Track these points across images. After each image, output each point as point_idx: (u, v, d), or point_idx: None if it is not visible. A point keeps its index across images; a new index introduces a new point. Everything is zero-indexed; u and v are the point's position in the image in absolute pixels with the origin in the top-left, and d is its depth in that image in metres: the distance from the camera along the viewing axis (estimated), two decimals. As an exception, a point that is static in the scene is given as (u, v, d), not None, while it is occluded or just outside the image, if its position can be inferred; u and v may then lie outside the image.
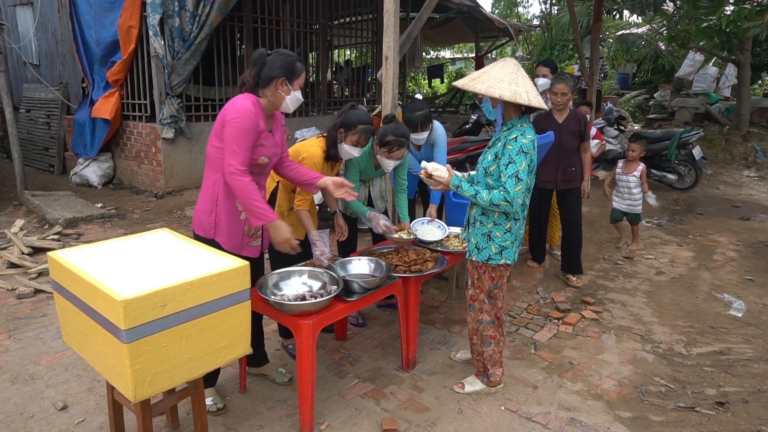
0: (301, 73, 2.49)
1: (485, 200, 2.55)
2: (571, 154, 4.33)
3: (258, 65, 2.45)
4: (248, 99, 2.41)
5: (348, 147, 2.99)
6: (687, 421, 2.72)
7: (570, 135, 4.28)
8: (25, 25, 9.35)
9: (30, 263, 4.61)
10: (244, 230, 2.56)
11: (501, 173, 2.55)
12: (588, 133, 4.37)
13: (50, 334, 3.47)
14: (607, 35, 14.78)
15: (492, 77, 2.52)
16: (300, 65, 2.49)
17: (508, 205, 2.51)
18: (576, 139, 4.31)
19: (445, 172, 2.71)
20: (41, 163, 8.77)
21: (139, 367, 1.80)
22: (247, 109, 2.36)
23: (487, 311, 2.81)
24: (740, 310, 4.04)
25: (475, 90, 2.53)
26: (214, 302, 1.98)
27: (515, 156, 2.51)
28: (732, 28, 6.56)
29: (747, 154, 9.89)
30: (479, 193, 2.57)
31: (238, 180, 2.33)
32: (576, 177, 4.38)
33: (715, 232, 6.02)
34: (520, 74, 2.52)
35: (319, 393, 2.84)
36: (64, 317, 2.17)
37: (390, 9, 4.02)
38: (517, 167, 2.50)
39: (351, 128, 2.95)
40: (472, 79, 2.59)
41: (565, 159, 4.31)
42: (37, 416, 2.64)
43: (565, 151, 4.30)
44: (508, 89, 2.46)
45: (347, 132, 2.96)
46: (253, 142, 2.39)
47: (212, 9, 6.63)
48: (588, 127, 4.36)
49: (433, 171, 2.72)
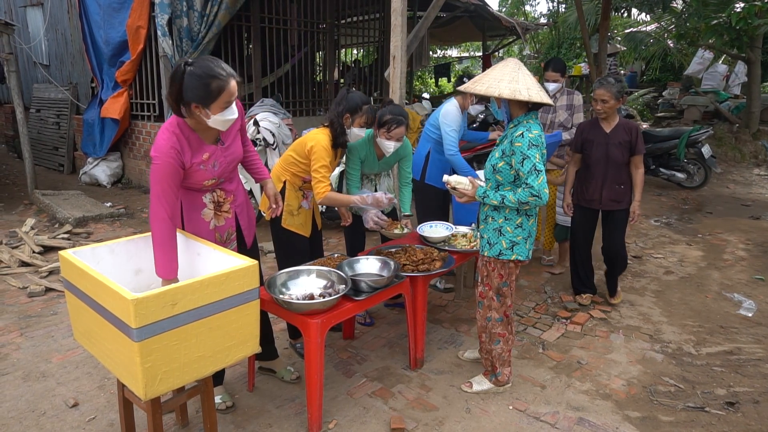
0: (219, 94, 2.13)
1: (513, 202, 2.57)
2: (620, 170, 3.72)
3: (177, 84, 2.14)
4: (168, 129, 2.21)
5: (357, 130, 3.07)
6: (696, 422, 2.71)
7: (618, 147, 3.68)
8: (35, 26, 9.43)
9: (41, 262, 4.66)
10: (216, 237, 2.49)
11: (518, 172, 2.56)
12: (641, 145, 3.70)
13: (61, 332, 3.50)
14: (615, 33, 14.70)
15: (492, 78, 2.58)
16: (217, 84, 2.12)
17: (537, 199, 2.52)
18: (626, 152, 3.70)
19: (468, 185, 2.76)
20: (51, 162, 8.84)
21: (149, 365, 1.81)
22: (163, 151, 2.16)
23: (496, 309, 2.82)
24: (750, 309, 4.01)
25: (476, 92, 2.58)
26: (223, 301, 1.99)
27: (527, 151, 2.52)
28: (742, 25, 6.51)
29: (757, 153, 9.81)
30: (506, 197, 2.59)
31: (159, 226, 2.16)
32: (625, 196, 3.76)
33: (724, 231, 5.98)
34: (520, 72, 2.56)
35: (327, 391, 2.85)
36: (75, 315, 2.19)
37: (397, 8, 4.03)
38: (533, 161, 2.51)
39: (357, 111, 3.01)
40: (474, 82, 2.64)
41: (612, 174, 3.72)
42: (48, 413, 2.67)
43: (613, 166, 3.70)
44: (507, 87, 2.51)
45: (354, 116, 3.01)
46: (178, 181, 2.22)
47: (220, 9, 6.65)
48: (640, 139, 3.70)
49: (456, 184, 2.77)
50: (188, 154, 2.25)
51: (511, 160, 2.58)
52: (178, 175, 2.22)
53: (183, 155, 2.23)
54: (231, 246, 2.58)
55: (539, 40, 17.74)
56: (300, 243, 3.15)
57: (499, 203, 2.63)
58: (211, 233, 2.47)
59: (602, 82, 3.67)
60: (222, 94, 2.15)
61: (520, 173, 2.56)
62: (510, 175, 2.63)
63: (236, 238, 2.63)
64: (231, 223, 2.56)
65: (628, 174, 3.77)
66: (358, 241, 3.62)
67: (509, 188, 2.65)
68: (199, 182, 2.34)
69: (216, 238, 2.50)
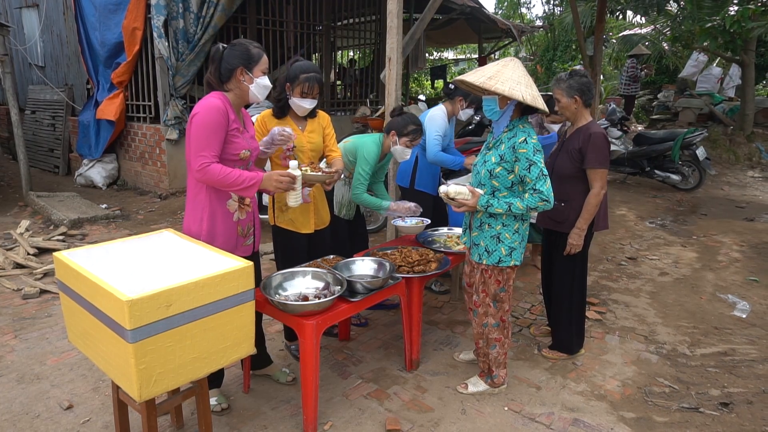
0: (259, 59, 2.40)
1: (522, 208, 2.55)
2: (564, 183, 3.10)
3: (216, 61, 2.40)
4: (214, 96, 2.37)
5: (297, 99, 2.87)
6: (691, 422, 2.72)
7: (567, 155, 3.09)
8: (30, 27, 9.41)
9: (35, 264, 4.64)
10: (237, 231, 2.53)
11: (523, 178, 2.54)
12: (592, 156, 2.99)
13: (55, 334, 3.49)
14: (611, 36, 14.75)
15: (510, 78, 2.46)
16: (257, 50, 2.41)
17: (546, 203, 2.52)
18: (574, 163, 3.04)
19: (468, 194, 2.62)
20: (46, 164, 8.81)
21: (144, 366, 1.81)
22: (211, 106, 2.31)
23: (492, 315, 2.81)
24: (744, 310, 4.03)
25: (497, 90, 2.44)
26: (218, 302, 1.99)
27: (533, 157, 2.51)
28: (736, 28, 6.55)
29: (751, 155, 9.85)
30: (512, 204, 2.55)
31: (209, 171, 2.28)
32: (566, 217, 3.12)
33: (719, 233, 6.01)
34: (529, 77, 2.53)
35: (323, 393, 2.85)
36: (69, 317, 2.19)
37: (393, 10, 4.04)
38: (539, 166, 2.51)
39: (295, 80, 2.85)
40: (489, 77, 2.47)
41: (555, 187, 3.05)
42: (42, 415, 2.66)
43: (556, 177, 3.11)
44: (528, 93, 2.44)
45: (293, 84, 2.87)
46: (221, 137, 2.33)
47: (216, 10, 6.66)
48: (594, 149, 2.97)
49: (456, 195, 2.63)
50: (233, 114, 2.39)
51: (514, 166, 2.55)
52: (222, 126, 2.32)
53: (228, 114, 2.36)
54: (249, 242, 2.62)
55: (535, 42, 17.78)
56: (296, 241, 3.07)
57: (505, 211, 2.57)
58: (233, 225, 2.51)
59: (556, 79, 3.14)
60: (262, 57, 2.41)
61: (526, 179, 2.53)
62: (508, 180, 2.60)
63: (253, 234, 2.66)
64: (251, 218, 2.61)
65: (578, 191, 3.05)
66: (346, 243, 3.61)
67: (506, 193, 2.62)
68: (237, 151, 2.41)
69: (238, 231, 2.54)
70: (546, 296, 3.45)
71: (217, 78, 2.41)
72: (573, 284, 3.16)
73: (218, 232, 2.47)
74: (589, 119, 3.08)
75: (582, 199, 3.02)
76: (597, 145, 2.95)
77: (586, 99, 3.01)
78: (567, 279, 3.17)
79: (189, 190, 2.50)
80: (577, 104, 3.01)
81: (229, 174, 2.30)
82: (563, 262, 3.14)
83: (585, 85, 2.99)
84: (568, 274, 3.16)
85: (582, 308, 3.27)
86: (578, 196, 3.04)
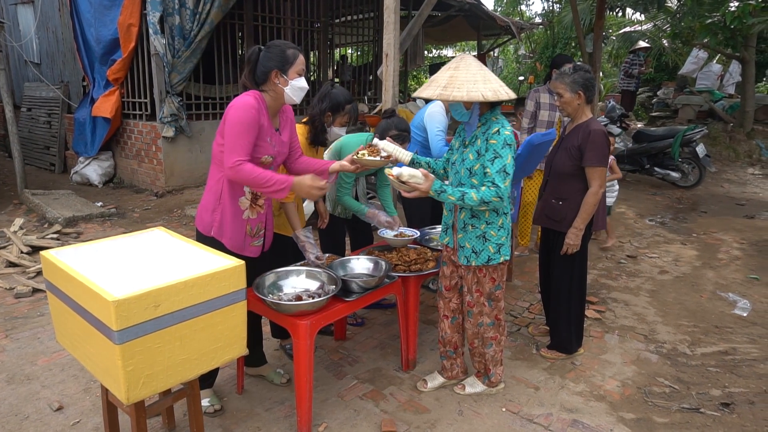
0: (295, 60, 2.39)
1: (475, 200, 2.41)
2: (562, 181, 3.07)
3: (252, 63, 2.41)
4: (251, 94, 2.37)
5: (337, 129, 2.98)
6: (691, 423, 2.68)
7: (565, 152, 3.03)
8: (26, 24, 9.34)
9: (28, 262, 4.59)
10: (246, 230, 2.52)
11: (486, 168, 2.45)
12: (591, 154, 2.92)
13: (47, 333, 3.44)
14: (610, 33, 14.70)
15: (465, 80, 2.37)
16: (293, 51, 2.39)
17: (500, 200, 2.42)
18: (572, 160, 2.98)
19: (421, 178, 2.44)
20: (42, 161, 8.75)
21: (131, 368, 1.76)
22: (247, 104, 2.31)
23: (487, 314, 2.76)
24: (745, 309, 3.99)
25: (457, 98, 2.35)
26: (208, 302, 1.94)
27: (500, 150, 2.43)
28: (736, 24, 6.50)
29: (751, 152, 9.82)
30: (466, 194, 2.42)
31: (241, 170, 2.28)
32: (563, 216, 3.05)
33: (719, 231, 5.97)
34: (485, 70, 2.44)
35: (318, 394, 2.80)
36: (57, 317, 2.14)
37: (390, 6, 3.99)
38: (503, 161, 2.43)
39: (339, 110, 2.91)
40: (444, 87, 2.37)
41: (552, 184, 3.14)
42: (32, 417, 2.61)
43: (554, 174, 3.11)
44: (488, 89, 2.35)
45: (335, 115, 2.92)
46: (254, 136, 2.33)
47: (213, 7, 6.60)
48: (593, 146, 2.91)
49: (410, 178, 2.43)
50: (265, 118, 2.39)
51: (484, 157, 2.47)
52: (254, 127, 2.32)
53: (261, 116, 2.36)
54: (258, 242, 2.59)
55: (534, 39, 17.73)
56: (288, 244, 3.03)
57: (457, 200, 2.44)
58: (243, 223, 2.49)
59: (559, 73, 3.05)
60: (297, 59, 2.40)
61: (487, 171, 2.43)
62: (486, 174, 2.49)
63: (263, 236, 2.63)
64: (262, 220, 2.58)
65: (576, 189, 2.98)
66: (339, 242, 3.55)
67: None
68: (259, 155, 2.39)
69: (246, 229, 2.51)
70: (544, 295, 3.40)
71: (252, 80, 2.42)
72: (572, 283, 3.12)
73: (227, 227, 2.46)
74: (590, 116, 3.02)
75: (580, 197, 2.96)
76: (597, 142, 2.88)
77: (589, 95, 2.96)
78: (566, 278, 3.12)
79: (210, 178, 2.50)
80: (580, 100, 2.95)
81: (260, 175, 2.29)
82: (562, 261, 3.10)
83: (589, 81, 2.94)
84: (567, 273, 3.11)
85: (581, 307, 3.23)
86: (576, 194, 2.98)
